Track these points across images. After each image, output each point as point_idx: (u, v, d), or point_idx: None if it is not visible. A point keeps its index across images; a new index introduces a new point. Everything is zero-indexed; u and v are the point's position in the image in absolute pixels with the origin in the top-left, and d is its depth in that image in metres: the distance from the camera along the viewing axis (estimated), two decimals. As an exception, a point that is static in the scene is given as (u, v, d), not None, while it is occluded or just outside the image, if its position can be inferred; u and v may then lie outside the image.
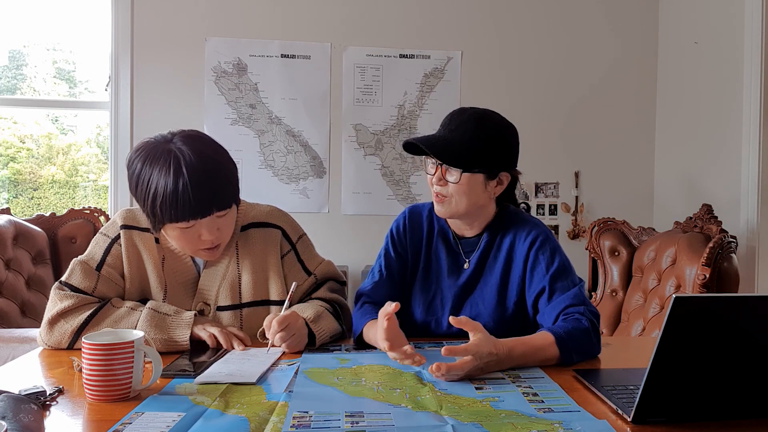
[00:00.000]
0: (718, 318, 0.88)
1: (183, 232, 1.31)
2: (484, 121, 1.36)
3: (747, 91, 2.75)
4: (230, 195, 1.34)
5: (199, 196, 1.26)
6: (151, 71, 3.25)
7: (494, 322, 1.42)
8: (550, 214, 3.50)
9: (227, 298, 1.42)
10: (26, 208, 3.61)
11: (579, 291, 1.33)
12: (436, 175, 1.36)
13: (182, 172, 1.25)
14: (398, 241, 1.50)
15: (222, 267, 1.43)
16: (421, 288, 1.48)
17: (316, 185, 3.37)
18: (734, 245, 2.15)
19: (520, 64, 3.45)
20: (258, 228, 1.47)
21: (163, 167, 1.25)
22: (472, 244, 1.45)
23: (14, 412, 0.86)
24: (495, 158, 1.36)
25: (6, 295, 2.31)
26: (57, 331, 1.30)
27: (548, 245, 1.39)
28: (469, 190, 1.35)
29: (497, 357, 1.13)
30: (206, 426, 0.90)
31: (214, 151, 1.33)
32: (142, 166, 1.28)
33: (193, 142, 1.30)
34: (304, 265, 1.50)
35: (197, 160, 1.27)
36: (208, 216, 1.29)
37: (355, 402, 1.00)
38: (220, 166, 1.32)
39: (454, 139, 1.34)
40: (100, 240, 1.41)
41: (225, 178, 1.33)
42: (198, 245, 1.34)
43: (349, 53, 3.35)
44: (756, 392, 0.94)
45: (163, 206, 1.26)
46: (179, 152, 1.27)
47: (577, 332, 1.23)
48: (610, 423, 0.91)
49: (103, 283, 1.37)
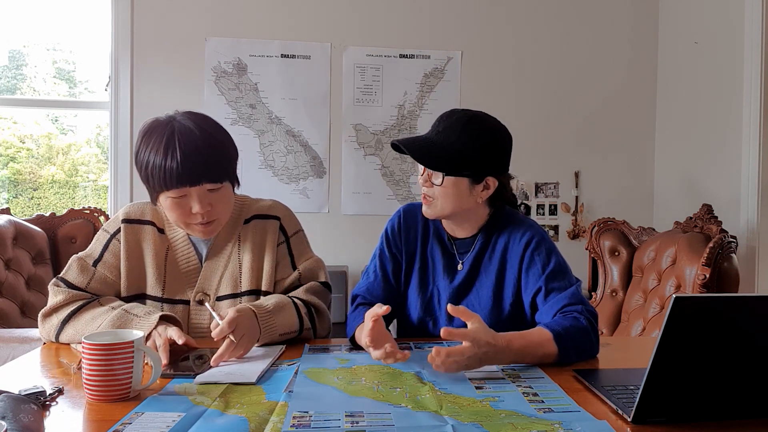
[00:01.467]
0: (718, 318, 0.88)
1: (174, 202, 1.33)
2: (472, 123, 1.34)
3: (747, 91, 2.75)
4: (222, 170, 1.35)
5: (189, 164, 1.28)
6: (151, 71, 3.25)
7: (491, 324, 1.41)
8: (550, 214, 3.50)
9: (228, 288, 1.44)
10: (26, 208, 3.61)
11: (576, 290, 1.32)
12: (423, 176, 1.36)
13: (174, 139, 1.29)
14: (393, 241, 1.50)
15: (224, 258, 1.45)
16: (418, 288, 1.48)
17: (316, 185, 3.37)
18: (734, 245, 2.15)
19: (520, 64, 3.45)
20: (259, 220, 1.49)
21: (159, 136, 1.30)
22: (467, 245, 1.45)
23: (14, 412, 0.86)
24: (481, 162, 1.34)
25: (6, 295, 2.31)
26: (47, 324, 1.34)
27: (543, 246, 1.38)
28: (454, 194, 1.34)
29: (495, 347, 1.12)
30: (206, 426, 0.90)
31: (212, 127, 1.36)
32: (143, 136, 1.33)
33: (195, 117, 1.35)
34: (293, 259, 1.49)
35: (192, 130, 1.31)
36: (197, 185, 1.31)
37: (355, 402, 1.00)
38: (215, 140, 1.34)
39: (439, 141, 1.33)
40: (100, 236, 1.44)
41: (219, 152, 1.34)
42: (190, 218, 1.35)
43: (349, 53, 3.35)
44: (756, 392, 0.94)
45: (154, 171, 1.29)
46: (177, 124, 1.32)
47: (574, 330, 1.22)
48: (610, 423, 0.91)
49: (98, 279, 1.39)
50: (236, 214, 1.48)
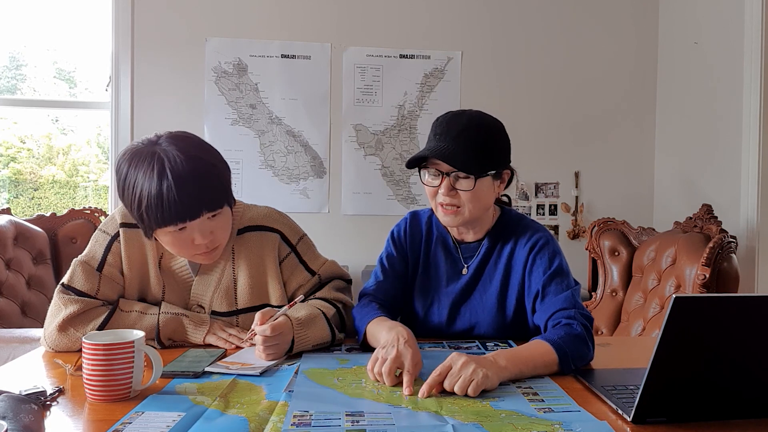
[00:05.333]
0: (718, 318, 0.88)
1: (175, 236, 1.26)
2: (483, 123, 1.35)
3: (747, 91, 2.75)
4: (220, 195, 1.29)
5: (186, 198, 1.21)
6: (151, 71, 3.25)
7: (494, 330, 1.43)
8: (550, 214, 3.50)
9: (222, 304, 1.40)
10: (27, 208, 3.61)
11: (571, 294, 1.30)
12: (445, 186, 1.32)
13: (166, 174, 1.19)
14: (399, 244, 1.50)
15: (217, 272, 1.41)
16: (420, 293, 1.48)
17: (316, 185, 3.37)
18: (734, 245, 2.15)
19: (520, 64, 3.45)
20: (255, 231, 1.43)
21: (147, 170, 1.20)
22: (472, 249, 1.45)
23: (14, 412, 0.86)
24: (499, 157, 1.36)
25: (6, 295, 2.31)
26: (67, 337, 1.29)
27: (547, 248, 1.37)
28: (483, 195, 1.34)
29: (485, 357, 1.09)
30: (206, 426, 0.90)
31: (200, 150, 1.27)
32: (127, 171, 1.23)
33: (179, 142, 1.25)
34: (306, 266, 1.47)
35: (182, 160, 1.21)
36: (198, 218, 1.24)
37: (355, 402, 1.00)
38: (208, 165, 1.26)
39: (465, 147, 1.31)
40: (99, 237, 1.39)
41: (213, 178, 1.27)
42: (193, 250, 1.30)
43: (349, 53, 3.35)
44: (756, 392, 0.94)
45: (149, 210, 1.21)
46: (163, 153, 1.22)
47: (569, 338, 1.19)
48: (610, 423, 0.91)
49: (105, 283, 1.35)
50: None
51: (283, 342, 1.24)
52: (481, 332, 1.44)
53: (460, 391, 1.01)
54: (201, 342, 1.35)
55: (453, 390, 1.02)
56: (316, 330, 1.31)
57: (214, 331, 1.35)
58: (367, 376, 1.13)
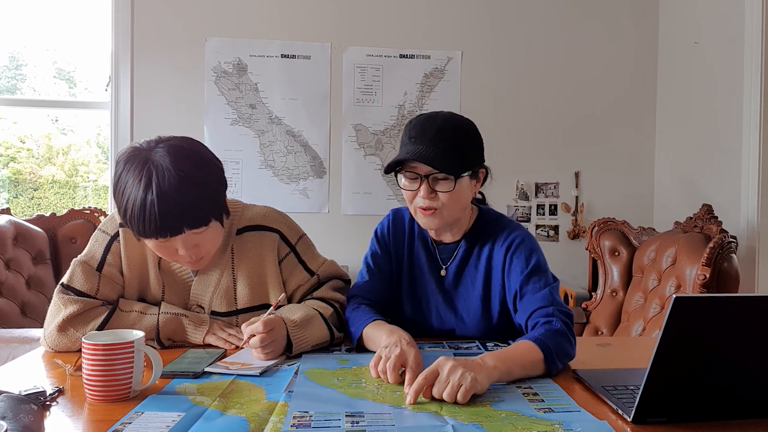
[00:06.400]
0: (718, 318, 0.88)
1: (158, 244, 1.26)
2: (458, 123, 1.35)
3: (747, 91, 2.75)
4: (207, 213, 1.26)
5: (167, 215, 1.18)
6: (151, 71, 3.25)
7: (481, 332, 1.43)
8: (550, 214, 3.50)
9: (222, 305, 1.40)
10: (26, 208, 3.61)
11: (549, 292, 1.30)
12: (424, 189, 1.32)
13: (152, 187, 1.17)
14: (383, 242, 1.51)
15: (217, 272, 1.41)
16: (408, 289, 1.49)
17: (316, 185, 3.37)
18: (734, 245, 2.15)
19: (520, 64, 3.45)
20: (254, 231, 1.43)
21: (136, 179, 1.19)
22: (450, 250, 1.45)
23: (14, 412, 0.86)
24: (475, 157, 1.37)
25: (6, 295, 2.31)
26: (67, 337, 1.29)
27: (523, 247, 1.37)
28: (462, 196, 1.35)
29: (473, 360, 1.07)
30: (206, 426, 0.90)
31: (194, 166, 1.23)
32: (120, 173, 1.22)
33: (176, 153, 1.22)
34: (305, 265, 1.47)
35: (171, 175, 1.18)
36: (180, 234, 1.23)
37: (355, 402, 1.00)
38: (198, 184, 1.22)
39: (444, 148, 1.30)
40: (99, 237, 1.39)
41: (201, 196, 1.24)
42: (176, 258, 1.30)
43: (349, 53, 3.35)
44: (756, 392, 0.94)
45: (132, 220, 1.20)
46: (155, 164, 1.19)
47: (550, 334, 1.19)
48: (610, 423, 0.91)
49: (105, 283, 1.35)
50: (228, 224, 1.40)
51: (279, 337, 1.24)
52: (468, 334, 1.44)
53: (449, 399, 0.99)
54: (201, 342, 1.35)
55: (442, 397, 1.00)
56: (314, 330, 1.31)
57: (213, 331, 1.36)
58: (368, 376, 1.13)
